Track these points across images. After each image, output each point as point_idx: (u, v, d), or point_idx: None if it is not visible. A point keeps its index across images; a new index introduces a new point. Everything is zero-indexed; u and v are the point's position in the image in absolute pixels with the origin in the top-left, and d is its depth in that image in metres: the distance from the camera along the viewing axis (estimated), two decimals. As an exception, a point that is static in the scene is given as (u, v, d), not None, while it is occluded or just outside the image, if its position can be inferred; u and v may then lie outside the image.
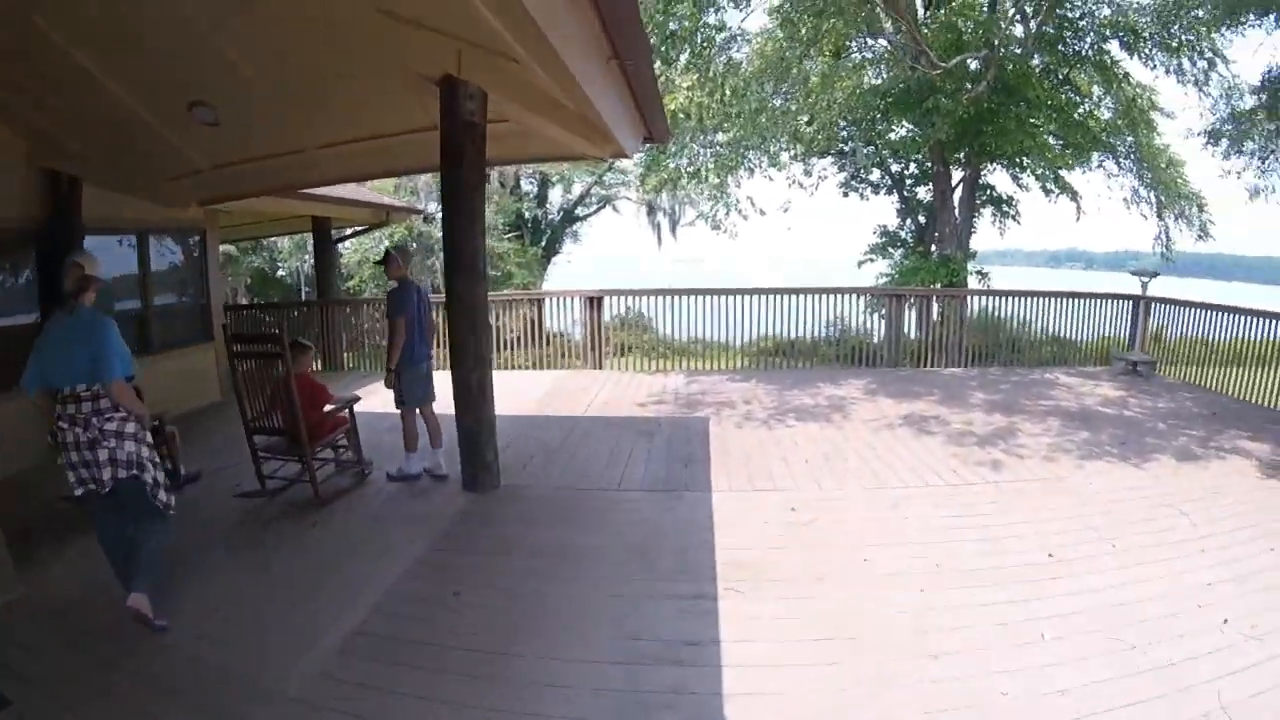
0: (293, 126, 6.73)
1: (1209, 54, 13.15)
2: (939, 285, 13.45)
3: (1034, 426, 7.89)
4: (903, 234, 23.07)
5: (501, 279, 20.68)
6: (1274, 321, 9.45)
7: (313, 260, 15.86)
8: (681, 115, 9.96)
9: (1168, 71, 13.72)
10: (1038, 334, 11.93)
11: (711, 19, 10.62)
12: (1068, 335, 11.89)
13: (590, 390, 10.01)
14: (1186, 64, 13.42)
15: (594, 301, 11.57)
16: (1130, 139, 15.28)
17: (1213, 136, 13.21)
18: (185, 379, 9.05)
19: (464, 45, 4.97)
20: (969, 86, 12.75)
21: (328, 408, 6.05)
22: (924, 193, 22.17)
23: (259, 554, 4.81)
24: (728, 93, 10.49)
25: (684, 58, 10.72)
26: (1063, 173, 14.58)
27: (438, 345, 8.21)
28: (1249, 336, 10.01)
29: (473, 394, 5.83)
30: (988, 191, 17.10)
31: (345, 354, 12.53)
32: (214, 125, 6.43)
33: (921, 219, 22.20)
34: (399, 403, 6.21)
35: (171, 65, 5.54)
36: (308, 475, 5.66)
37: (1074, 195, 14.82)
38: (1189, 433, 7.65)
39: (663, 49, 10.63)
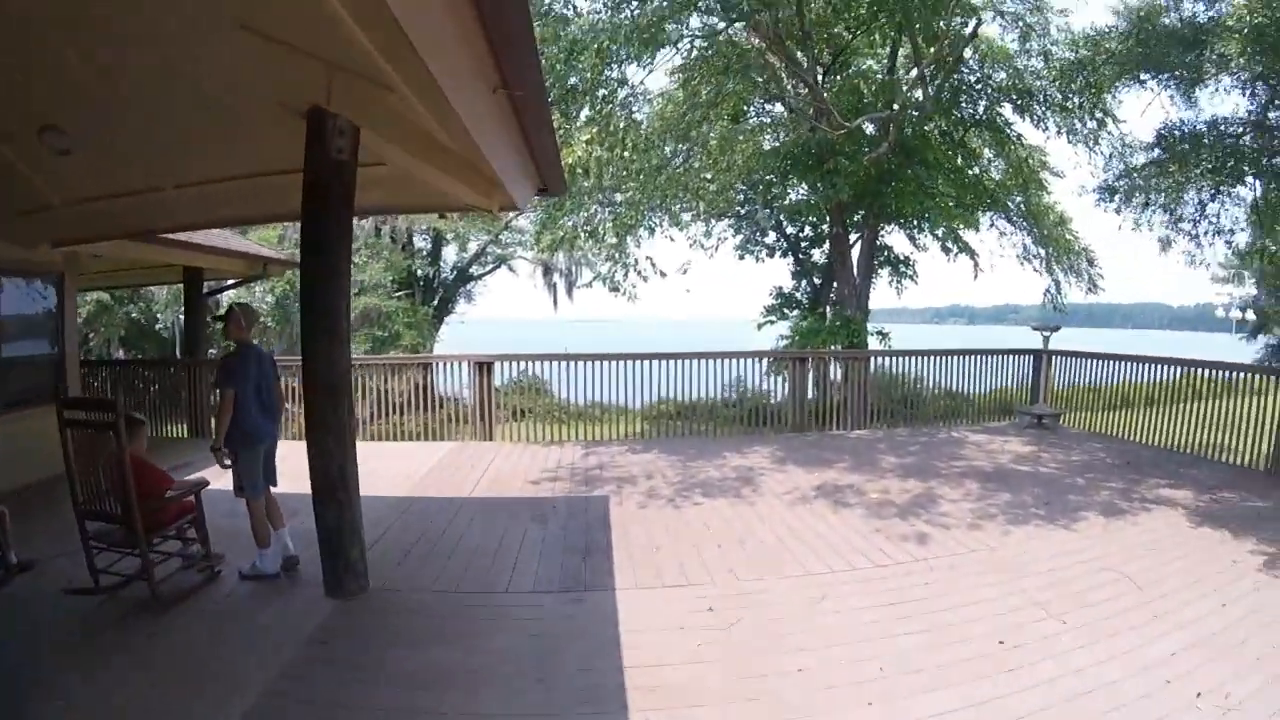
0: (152, 160, 5.83)
1: (1099, 114, 13.66)
2: (839, 346, 13.33)
3: (952, 491, 7.63)
4: (798, 295, 23.40)
5: (388, 340, 19.54)
6: (1160, 366, 10.34)
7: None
8: (579, 170, 9.46)
9: (1059, 132, 14.20)
10: (940, 392, 11.97)
11: (614, 73, 10.23)
12: (968, 391, 12.01)
13: (479, 465, 9.15)
14: (1078, 124, 13.89)
15: (483, 367, 10.77)
16: (1020, 199, 15.90)
17: (1107, 192, 13.65)
18: (26, 446, 7.36)
19: (334, 71, 4.27)
20: (867, 150, 12.86)
21: (170, 493, 5.04)
22: (819, 255, 22.58)
23: (71, 679, 3.73)
24: (629, 148, 10.07)
25: (584, 113, 10.25)
26: (960, 231, 14.89)
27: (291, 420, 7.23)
28: (1137, 380, 10.84)
29: (333, 482, 4.93)
30: (885, 252, 17.36)
31: (213, 421, 11.20)
32: (65, 153, 5.50)
33: (817, 280, 22.54)
34: (238, 490, 5.26)
35: (15, 83, 4.62)
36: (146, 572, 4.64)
37: (972, 254, 15.18)
38: (1109, 485, 7.76)
39: (562, 104, 10.16)
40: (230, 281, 13.69)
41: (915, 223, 15.44)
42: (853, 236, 15.87)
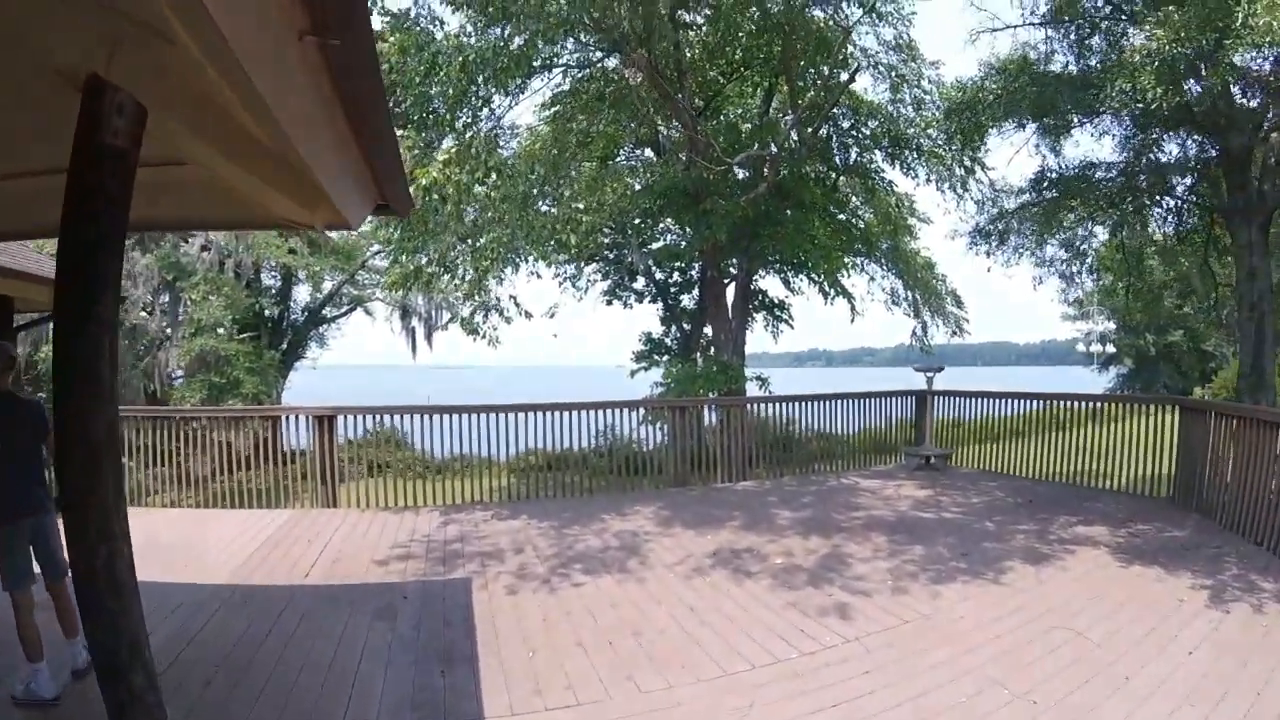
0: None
1: (968, 161, 13.83)
2: (716, 393, 12.69)
3: (860, 547, 7.06)
4: (668, 341, 22.90)
5: (226, 388, 17.39)
6: (1034, 401, 11.43)
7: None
8: (436, 196, 8.31)
9: (929, 179, 14.34)
10: (816, 436, 11.60)
11: (480, 93, 9.17)
12: (848, 434, 11.79)
13: (320, 538, 7.72)
14: (947, 171, 14.04)
15: (324, 421, 9.32)
16: (888, 244, 15.99)
17: (980, 235, 13.87)
18: None
19: (118, 28, 3.04)
20: (741, 193, 12.42)
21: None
22: (688, 300, 22.27)
23: None
24: (491, 173, 9.03)
25: (447, 141, 9.10)
26: (840, 275, 14.71)
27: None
28: (1008, 414, 11.70)
29: (98, 584, 3.52)
30: (759, 296, 17.05)
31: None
32: None
33: (686, 326, 22.13)
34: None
35: None
36: None
37: (849, 297, 15.06)
38: (1021, 528, 7.58)
39: (422, 126, 9.02)
40: (50, 314, 11.45)
41: (791, 266, 15.20)
42: (725, 281, 15.45)
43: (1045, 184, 12.57)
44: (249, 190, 4.29)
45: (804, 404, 11.42)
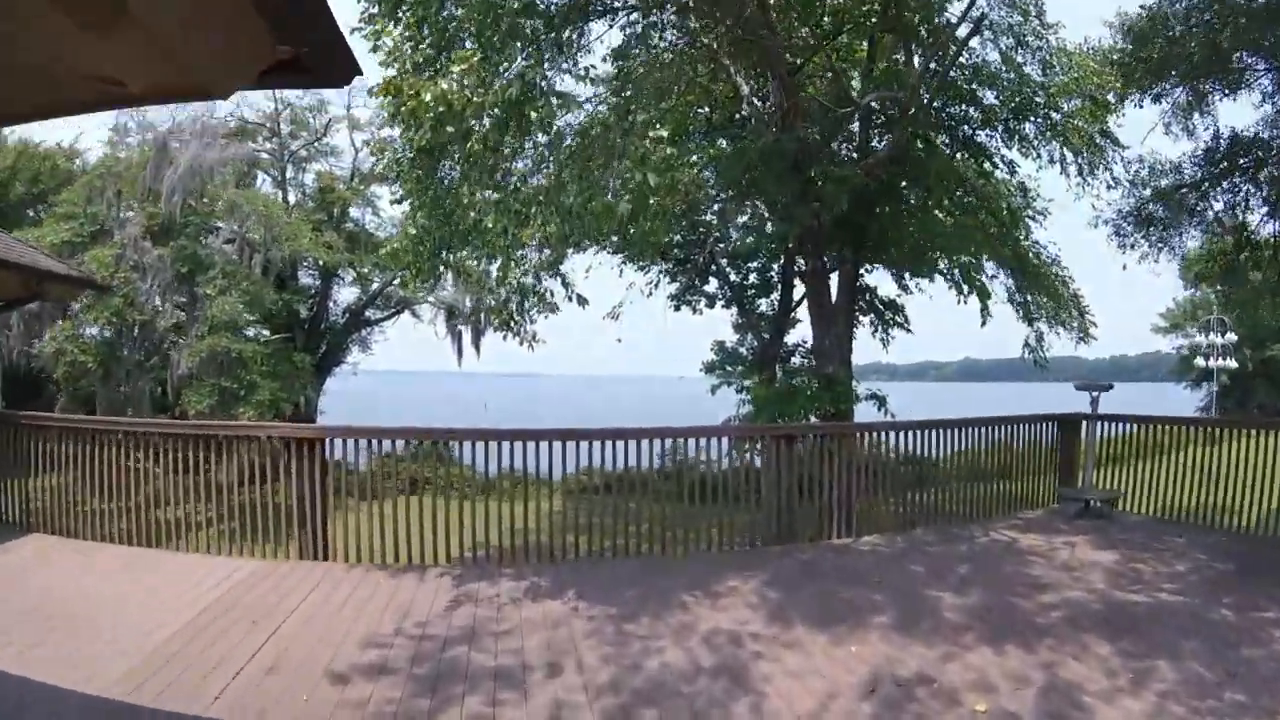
0: None
1: (1099, 138, 11.17)
2: (813, 418, 9.97)
3: (1084, 666, 4.60)
4: (743, 350, 20.22)
5: (239, 394, 15.33)
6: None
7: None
8: (439, 109, 5.76)
9: (1051, 161, 11.60)
10: (955, 473, 8.91)
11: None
12: (981, 469, 9.28)
13: (271, 617, 5.33)
14: (1078, 146, 11.37)
15: (307, 446, 6.94)
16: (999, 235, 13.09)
17: (1137, 222, 11.31)
18: None
19: None
20: (856, 158, 9.71)
21: None
22: (766, 305, 19.57)
23: None
24: (533, 121, 6.53)
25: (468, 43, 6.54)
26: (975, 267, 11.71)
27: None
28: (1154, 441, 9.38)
29: None
30: (866, 295, 14.24)
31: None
32: None
33: (766, 335, 19.42)
34: None
35: None
36: None
37: (985, 295, 12.19)
38: (1271, 616, 5.32)
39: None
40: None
41: (909, 259, 12.35)
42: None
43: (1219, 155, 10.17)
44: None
45: (941, 432, 8.64)
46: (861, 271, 12.65)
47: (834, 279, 11.70)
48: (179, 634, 4.99)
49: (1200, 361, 31.46)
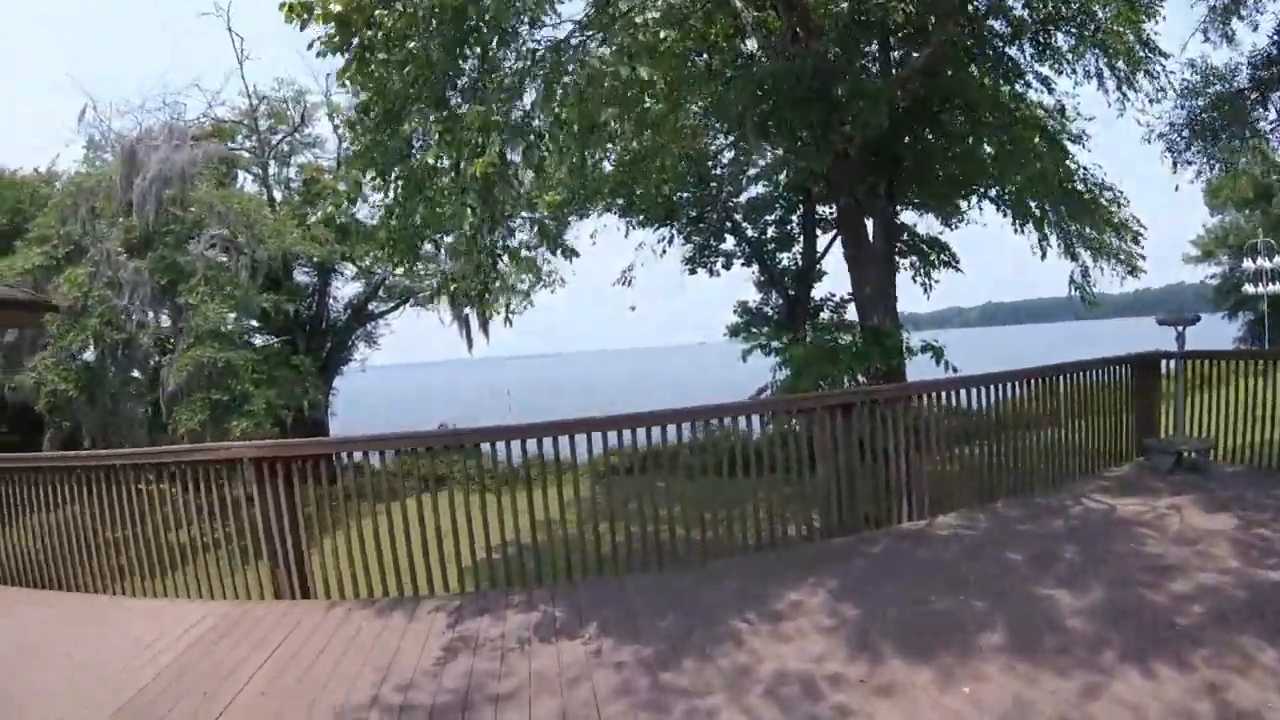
0: None
1: (1138, 48, 9.70)
2: (862, 379, 8.67)
3: (1258, 686, 3.47)
4: (768, 310, 18.93)
5: (231, 405, 14.25)
6: None
7: None
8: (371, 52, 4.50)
9: (1088, 75, 10.13)
10: (1029, 432, 7.61)
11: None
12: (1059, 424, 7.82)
13: (232, 681, 4.27)
14: (1107, 66, 9.92)
15: (268, 466, 5.79)
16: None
17: (1192, 133, 9.93)
18: None
19: None
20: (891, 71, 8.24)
21: None
22: (788, 259, 18.25)
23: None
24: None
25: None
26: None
27: None
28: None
29: None
30: (905, 235, 12.84)
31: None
32: None
33: (791, 291, 18.10)
34: None
35: None
36: None
37: (1042, 224, 10.68)
38: None
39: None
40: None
41: (951, 190, 10.90)
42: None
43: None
44: None
45: (1015, 385, 7.31)
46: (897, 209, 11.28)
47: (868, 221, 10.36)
48: (120, 712, 3.94)
49: (1249, 288, 29.51)
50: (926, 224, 13.26)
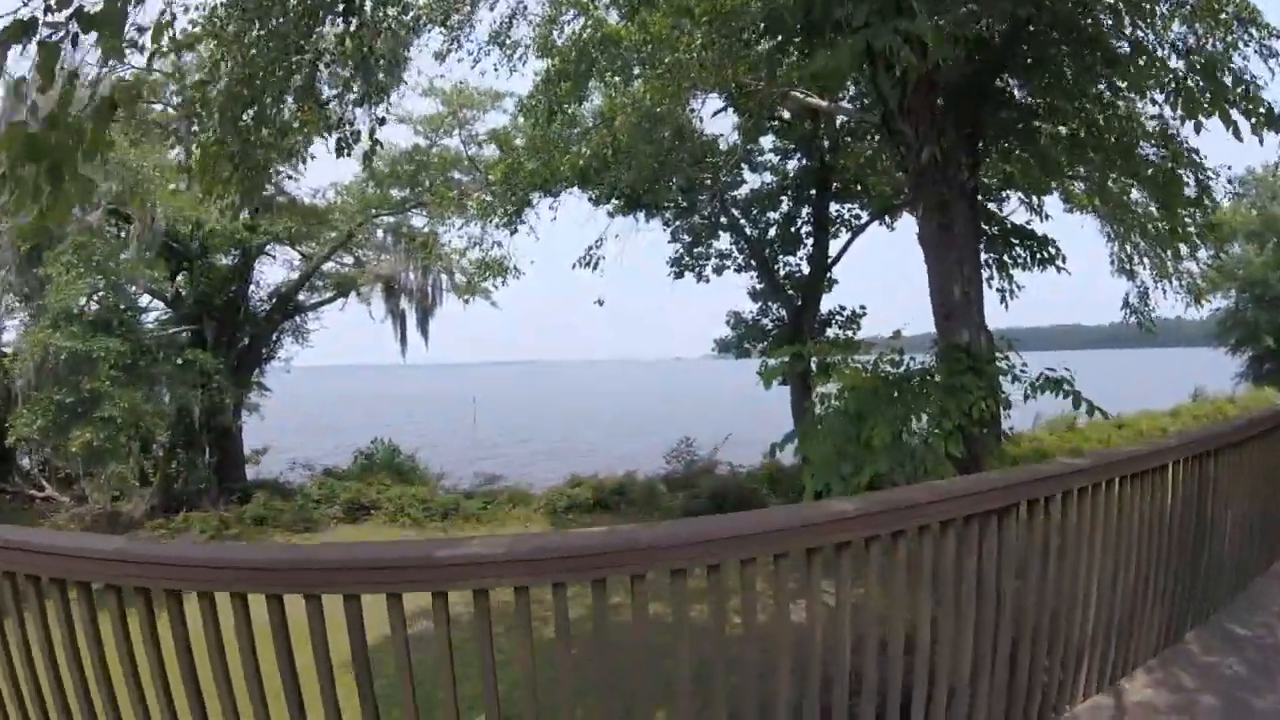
0: None
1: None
2: (951, 424, 5.63)
3: None
4: (766, 322, 16.07)
5: (78, 410, 10.91)
6: None
7: None
8: None
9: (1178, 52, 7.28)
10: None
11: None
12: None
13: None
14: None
15: None
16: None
17: None
18: None
19: None
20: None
21: None
22: (796, 261, 15.48)
23: None
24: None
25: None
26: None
27: None
28: None
29: None
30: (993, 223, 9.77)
31: None
32: None
33: (798, 302, 15.23)
34: None
35: None
36: None
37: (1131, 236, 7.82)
38: None
39: None
40: None
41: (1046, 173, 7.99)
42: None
43: None
44: None
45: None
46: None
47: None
48: None
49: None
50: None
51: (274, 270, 18.44)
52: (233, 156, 5.32)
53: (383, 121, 5.77)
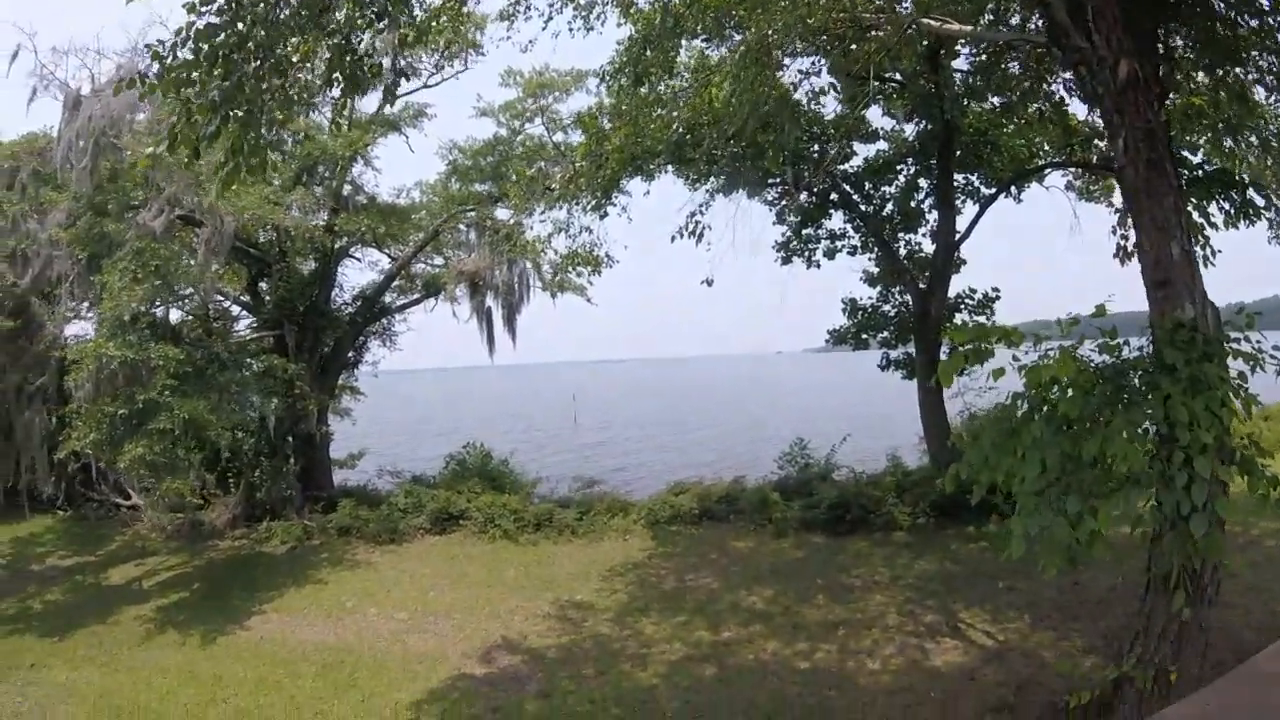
0: None
1: None
2: (1210, 436, 3.87)
3: None
4: (887, 309, 14.15)
5: (134, 421, 10.12)
6: None
7: None
8: None
9: None
10: None
11: None
12: None
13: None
14: None
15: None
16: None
17: None
18: None
19: None
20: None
21: None
22: (919, 237, 13.60)
23: None
24: None
25: None
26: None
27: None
28: None
29: None
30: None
31: None
32: None
33: (922, 285, 13.27)
34: None
35: None
36: None
37: None
38: None
39: None
40: None
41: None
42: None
43: None
44: None
45: None
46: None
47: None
48: None
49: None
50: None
51: (360, 273, 17.82)
52: (215, 106, 4.12)
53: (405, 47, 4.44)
